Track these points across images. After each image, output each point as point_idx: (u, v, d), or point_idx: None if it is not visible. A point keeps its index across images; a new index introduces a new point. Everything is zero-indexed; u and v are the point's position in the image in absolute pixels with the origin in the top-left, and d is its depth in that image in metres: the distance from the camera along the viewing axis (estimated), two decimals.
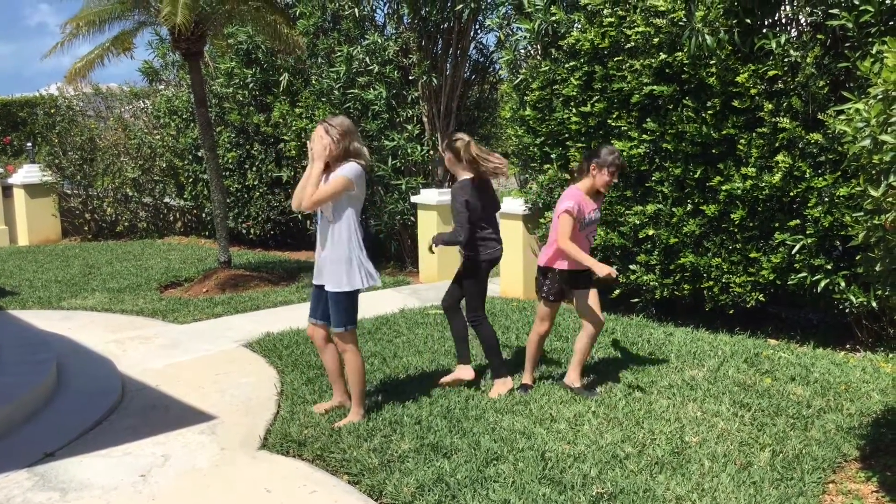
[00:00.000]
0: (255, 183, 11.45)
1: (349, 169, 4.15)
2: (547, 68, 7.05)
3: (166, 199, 14.09)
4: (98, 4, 8.45)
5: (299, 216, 11.09)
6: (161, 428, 4.47)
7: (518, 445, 3.94)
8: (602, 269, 4.33)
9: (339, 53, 9.32)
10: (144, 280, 8.93)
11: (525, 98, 7.36)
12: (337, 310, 4.24)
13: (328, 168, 4.21)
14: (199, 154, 11.92)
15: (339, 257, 4.18)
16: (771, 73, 5.58)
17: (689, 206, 6.19)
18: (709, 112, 5.95)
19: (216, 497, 3.63)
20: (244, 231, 11.89)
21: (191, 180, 12.74)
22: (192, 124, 12.29)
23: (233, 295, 8.08)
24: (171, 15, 7.45)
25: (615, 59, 6.47)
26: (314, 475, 3.83)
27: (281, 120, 10.81)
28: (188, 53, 8.48)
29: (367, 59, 9.17)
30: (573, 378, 4.78)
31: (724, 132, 5.88)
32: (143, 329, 6.77)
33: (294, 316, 6.99)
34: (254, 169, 11.48)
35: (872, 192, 2.79)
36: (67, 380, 5.28)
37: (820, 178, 5.49)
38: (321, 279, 4.29)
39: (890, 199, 2.71)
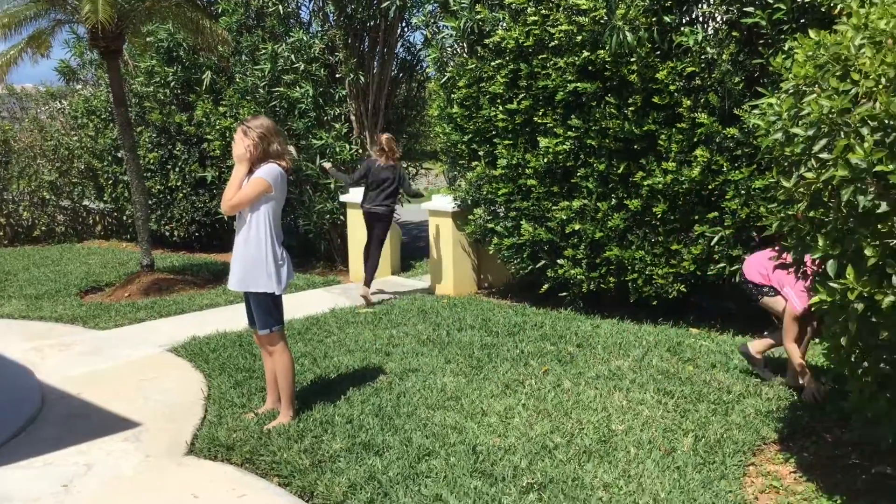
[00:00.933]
0: (179, 184, 11.20)
1: (266, 171, 4.11)
2: (473, 66, 7.09)
3: (85, 202, 13.66)
4: (13, 5, 8.15)
5: (225, 217, 10.88)
6: (83, 436, 4.33)
7: (450, 440, 3.96)
8: None
9: (263, 51, 9.19)
10: (63, 286, 8.64)
11: (452, 96, 7.39)
12: (259, 311, 4.19)
13: (251, 170, 4.15)
14: (119, 155, 11.60)
15: (258, 259, 4.13)
16: (689, 69, 5.74)
17: (614, 201, 6.32)
18: (630, 109, 6.08)
19: None
20: (168, 233, 11.62)
21: (111, 182, 12.38)
22: (111, 124, 11.94)
23: (156, 299, 7.88)
24: (91, 13, 7.23)
25: (540, 56, 6.55)
26: (243, 479, 3.77)
27: (204, 119, 10.59)
28: (107, 52, 8.24)
29: (293, 56, 9.06)
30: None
31: (646, 128, 6.02)
32: (63, 336, 6.55)
33: (221, 319, 6.87)
34: (176, 169, 11.22)
35: (785, 184, 2.90)
36: None
37: (736, 172, 5.66)
38: (236, 281, 4.20)
39: (801, 190, 2.82)
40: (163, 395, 4.98)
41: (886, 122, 2.44)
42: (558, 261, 6.69)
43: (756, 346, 4.94)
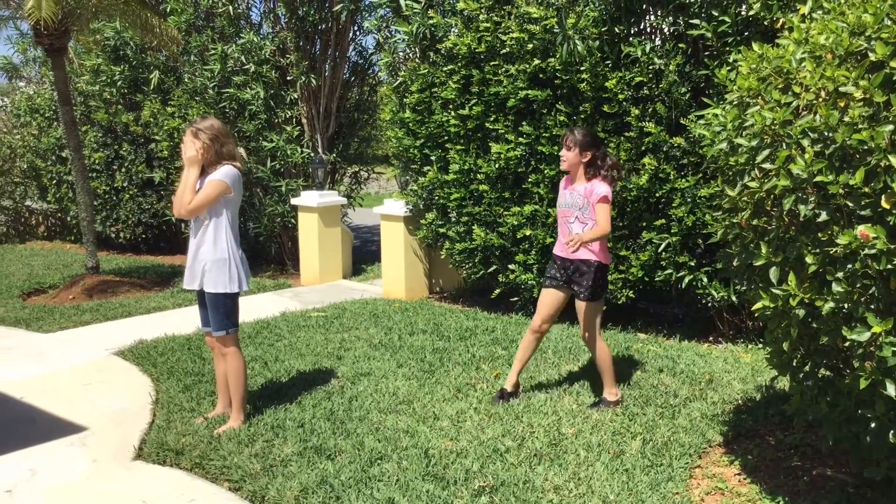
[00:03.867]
0: (125, 185, 11.00)
1: (224, 172, 4.10)
2: (426, 71, 7.13)
3: (28, 202, 13.34)
4: None
5: (172, 219, 10.72)
6: (27, 441, 4.23)
7: (402, 444, 3.98)
8: None
9: (213, 51, 9.09)
10: (5, 287, 8.42)
11: (404, 100, 7.41)
12: (216, 313, 4.16)
13: (203, 172, 4.12)
14: (64, 154, 11.36)
15: (218, 259, 4.10)
16: (637, 79, 5.86)
17: None
18: (581, 116, 6.18)
19: None
20: (113, 235, 11.40)
21: (54, 182, 12.11)
22: (55, 123, 11.69)
23: (102, 301, 7.73)
24: (34, 9, 7.07)
25: (492, 63, 6.62)
26: (193, 483, 3.72)
27: (152, 119, 10.43)
28: (51, 49, 8.06)
29: (243, 58, 8.99)
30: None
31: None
32: (4, 339, 6.38)
33: (169, 322, 6.77)
34: (123, 170, 11.02)
35: (729, 192, 2.99)
36: None
37: (683, 180, 5.80)
38: (196, 283, 4.17)
39: (745, 199, 2.91)
40: (110, 400, 4.89)
41: (826, 133, 2.54)
42: (510, 266, 6.76)
43: (610, 391, 4.70)
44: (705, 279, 5.88)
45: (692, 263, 5.92)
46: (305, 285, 8.68)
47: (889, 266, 2.40)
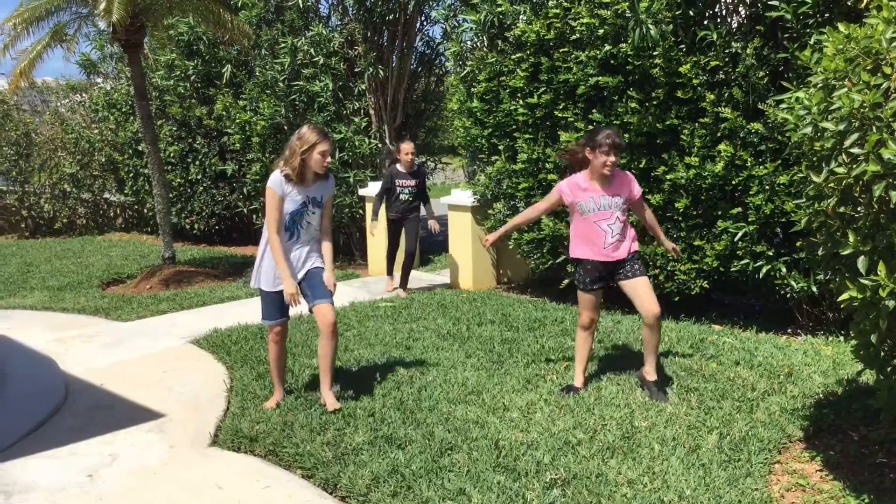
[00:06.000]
0: (199, 177, 11.26)
1: (269, 179, 4.33)
2: (493, 60, 7.07)
3: (106, 195, 13.78)
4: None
5: (244, 210, 10.92)
6: (107, 427, 4.36)
7: (472, 435, 3.96)
8: None
9: (283, 45, 9.21)
10: (85, 277, 8.71)
11: (472, 90, 7.37)
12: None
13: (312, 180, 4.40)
14: (140, 148, 11.68)
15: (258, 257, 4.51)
16: (713, 63, 5.69)
17: None
18: (653, 103, 6.04)
19: (167, 495, 3.56)
20: (188, 226, 11.69)
21: (131, 175, 12.47)
22: (131, 118, 12.03)
23: (178, 291, 7.93)
24: (106, 12, 7.27)
25: (561, 50, 6.52)
26: (267, 470, 3.78)
27: (224, 112, 10.64)
28: (127, 45, 8.29)
29: (312, 50, 9.08)
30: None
31: (668, 123, 5.98)
32: (86, 327, 6.61)
33: (242, 311, 6.90)
34: (196, 163, 11.28)
35: (815, 179, 2.86)
36: (7, 381, 5.12)
37: (761, 167, 5.62)
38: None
39: (831, 185, 2.78)
40: (186, 387, 5.01)
41: None
42: None
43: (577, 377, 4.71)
44: (784, 269, 5.69)
45: (770, 253, 5.73)
46: (373, 276, 8.74)
47: None
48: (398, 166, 7.46)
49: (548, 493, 3.32)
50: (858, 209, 2.73)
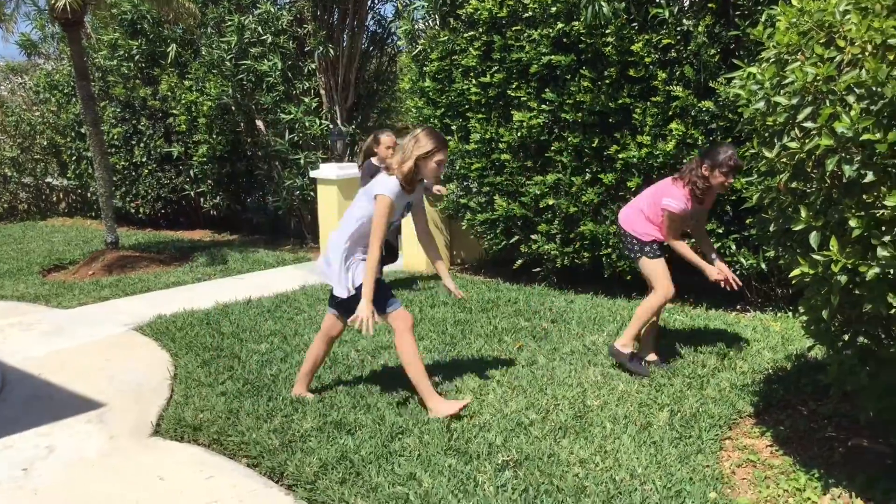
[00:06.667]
0: (144, 160, 10.95)
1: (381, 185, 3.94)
2: (446, 38, 6.96)
3: (48, 179, 13.36)
4: None
5: (191, 193, 10.65)
6: (45, 418, 4.19)
7: (423, 418, 3.88)
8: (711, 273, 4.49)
9: (229, 23, 8.96)
10: (26, 264, 8.41)
11: (424, 69, 7.25)
12: None
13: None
14: (83, 130, 11.31)
15: None
16: (665, 41, 5.66)
17: (588, 176, 6.25)
18: (605, 82, 5.99)
19: (105, 487, 3.42)
20: (133, 210, 11.38)
21: (74, 158, 12.09)
22: (73, 99, 11.64)
23: (121, 277, 7.70)
24: None
25: (514, 28, 6.44)
26: (211, 460, 3.66)
27: (169, 93, 10.35)
28: (67, 24, 7.98)
29: (260, 28, 8.85)
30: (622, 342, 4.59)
31: (621, 101, 5.94)
32: (25, 315, 6.36)
33: (188, 297, 6.72)
34: (141, 145, 10.97)
35: (767, 154, 2.83)
36: None
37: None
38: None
39: (784, 160, 2.75)
40: (128, 376, 4.84)
41: (874, 88, 2.37)
42: (532, 236, 6.62)
43: (622, 341, 4.63)
44: (734, 246, 5.71)
45: (720, 231, 5.75)
46: None
47: None
48: (374, 161, 6.27)
49: (499, 475, 3.26)
50: (811, 184, 2.70)
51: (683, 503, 3.03)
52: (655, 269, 4.55)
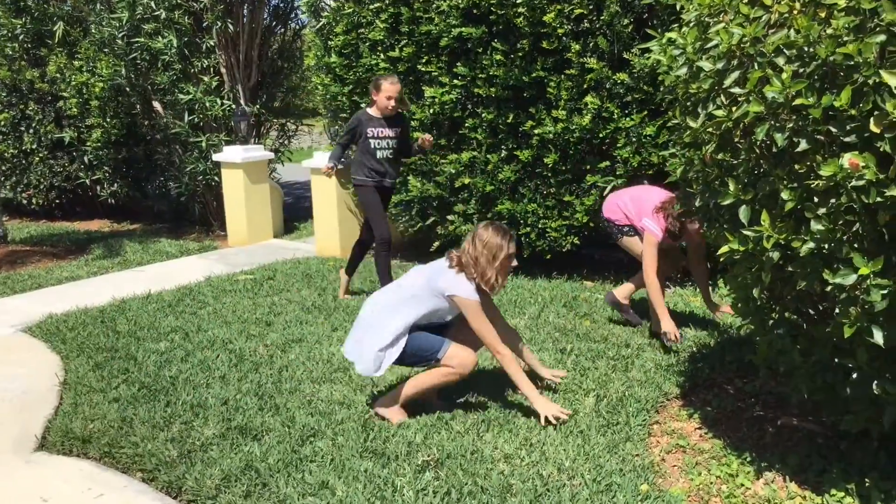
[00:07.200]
0: (34, 147, 10.20)
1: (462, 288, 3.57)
2: (351, 11, 6.62)
3: None
4: None
5: (86, 181, 10.00)
6: None
7: (337, 417, 3.61)
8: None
9: None
10: None
11: (329, 44, 6.90)
12: None
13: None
14: None
15: None
16: (577, 11, 5.47)
17: (504, 153, 6.04)
18: (518, 55, 5.77)
19: None
20: (25, 201, 10.62)
21: None
22: None
23: (9, 274, 7.12)
24: None
25: None
26: (101, 476, 3.30)
27: (58, 75, 9.65)
28: None
29: (153, 3, 8.28)
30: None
31: (534, 75, 5.74)
32: None
33: (82, 293, 6.23)
34: (31, 131, 10.22)
35: (691, 124, 2.64)
36: None
37: (627, 119, 5.48)
38: None
39: (710, 130, 2.57)
40: (12, 383, 4.39)
41: (805, 49, 2.20)
42: (448, 217, 6.38)
43: (620, 291, 4.87)
44: None
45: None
46: (233, 246, 8.18)
47: (879, 199, 2.09)
48: (370, 110, 5.52)
49: (419, 479, 3.02)
50: (739, 155, 2.53)
51: (614, 497, 2.86)
52: (633, 245, 4.74)
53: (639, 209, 4.62)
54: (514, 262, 3.61)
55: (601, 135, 5.61)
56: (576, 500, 2.84)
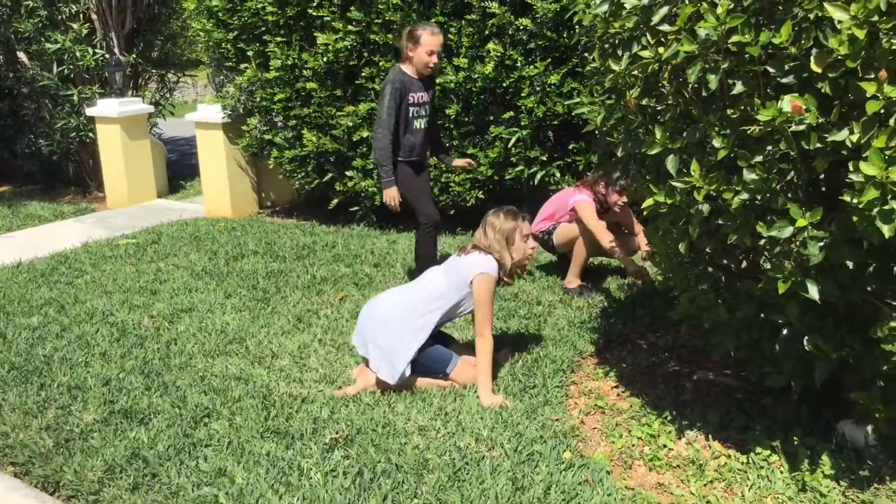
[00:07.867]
0: None
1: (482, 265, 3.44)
2: None
3: None
4: None
5: None
6: None
7: (234, 394, 3.31)
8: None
9: None
10: None
11: None
12: None
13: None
14: None
15: None
16: None
17: None
18: None
19: None
20: None
21: None
22: None
23: None
24: None
25: None
26: None
27: None
28: None
29: None
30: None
31: (434, 20, 5.45)
32: None
33: None
34: None
35: (614, 67, 2.44)
36: None
37: (531, 67, 5.28)
38: None
39: (634, 73, 2.38)
40: None
41: None
42: (347, 172, 6.06)
43: (570, 279, 4.60)
44: (558, 174, 5.48)
45: (544, 158, 5.49)
46: (113, 208, 7.59)
47: (819, 145, 1.95)
48: (406, 68, 4.32)
49: (328, 459, 2.78)
50: (666, 100, 2.35)
51: (537, 467, 2.70)
52: (567, 233, 4.62)
53: (559, 202, 4.64)
54: (533, 243, 3.50)
55: (504, 84, 5.40)
56: (497, 472, 2.67)
